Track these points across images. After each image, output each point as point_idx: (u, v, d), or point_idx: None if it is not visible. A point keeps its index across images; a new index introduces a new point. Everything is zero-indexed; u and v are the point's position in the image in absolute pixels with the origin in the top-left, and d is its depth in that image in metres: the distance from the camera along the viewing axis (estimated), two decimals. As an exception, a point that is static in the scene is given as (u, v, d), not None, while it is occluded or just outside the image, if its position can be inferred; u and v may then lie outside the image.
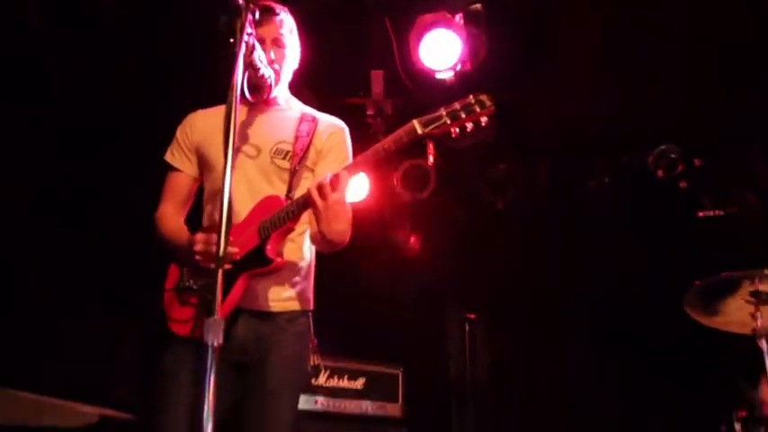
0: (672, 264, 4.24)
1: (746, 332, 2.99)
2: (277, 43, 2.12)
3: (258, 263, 1.93)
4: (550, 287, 4.04)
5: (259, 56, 1.95)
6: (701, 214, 4.54)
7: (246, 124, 2.13)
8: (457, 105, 1.86)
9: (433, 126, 1.86)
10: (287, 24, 2.16)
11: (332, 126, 2.20)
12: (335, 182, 1.85)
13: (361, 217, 4.07)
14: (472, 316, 3.46)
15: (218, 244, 1.54)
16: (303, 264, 2.10)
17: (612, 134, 4.39)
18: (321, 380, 3.43)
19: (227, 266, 1.85)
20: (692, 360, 3.82)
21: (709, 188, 4.58)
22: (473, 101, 1.85)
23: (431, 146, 3.92)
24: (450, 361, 3.47)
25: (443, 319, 3.53)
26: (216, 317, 1.46)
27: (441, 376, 3.55)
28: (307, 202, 1.89)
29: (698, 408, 3.50)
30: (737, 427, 3.10)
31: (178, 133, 2.22)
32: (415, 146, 4.13)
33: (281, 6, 2.17)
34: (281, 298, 2.03)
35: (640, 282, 3.96)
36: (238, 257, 1.90)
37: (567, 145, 4.41)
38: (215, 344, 1.44)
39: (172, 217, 2.16)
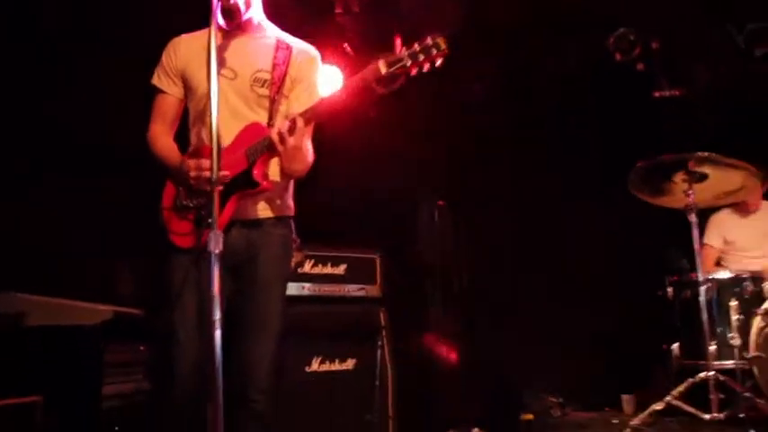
0: (627, 144, 4.53)
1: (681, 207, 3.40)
2: None
3: (247, 185, 2.18)
4: (514, 173, 4.37)
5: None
6: (656, 94, 4.82)
7: (223, 48, 2.29)
8: (416, 47, 2.06)
9: (395, 66, 2.07)
10: None
11: (305, 53, 2.37)
12: (293, 128, 2.08)
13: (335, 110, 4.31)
14: (441, 203, 3.80)
15: (211, 169, 1.83)
16: (285, 179, 2.36)
17: (574, 16, 4.53)
18: (307, 268, 3.78)
19: (219, 188, 2.15)
20: (636, 233, 4.24)
21: (667, 70, 4.83)
22: (430, 43, 2.04)
23: (398, 40, 4.04)
24: (421, 245, 3.85)
25: (415, 207, 3.86)
26: (216, 230, 1.76)
27: (413, 260, 3.95)
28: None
29: (639, 276, 3.96)
30: (669, 290, 3.60)
31: (163, 57, 2.38)
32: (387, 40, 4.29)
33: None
34: (267, 207, 2.31)
35: (595, 163, 4.26)
36: (230, 179, 2.17)
37: (529, 31, 4.55)
38: (217, 251, 1.76)
39: (161, 136, 2.37)
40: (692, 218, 3.34)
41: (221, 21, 2.19)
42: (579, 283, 4.43)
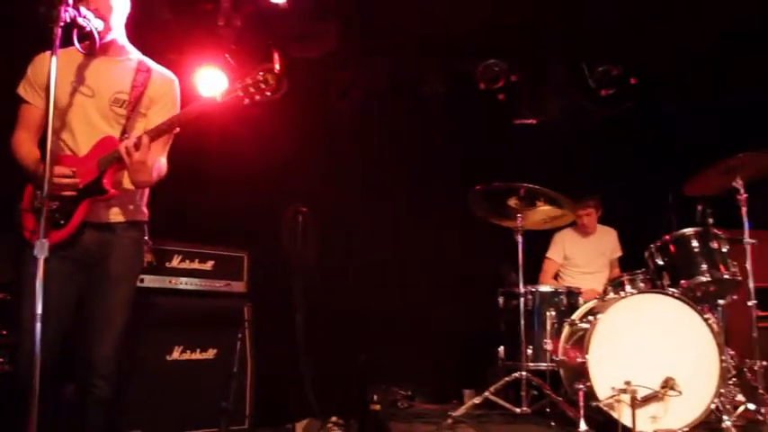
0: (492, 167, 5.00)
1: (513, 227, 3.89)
2: None
3: (97, 191, 2.43)
4: (374, 177, 4.78)
5: (84, 13, 2.32)
6: (516, 122, 5.35)
7: (84, 67, 2.53)
8: (249, 80, 2.38)
9: (229, 97, 2.38)
10: None
11: (163, 77, 2.65)
12: (138, 144, 2.34)
13: (215, 116, 4.54)
14: (304, 209, 4.13)
15: (42, 186, 2.08)
16: (140, 194, 2.61)
17: (446, 42, 4.95)
18: (175, 263, 4.02)
19: (71, 193, 2.40)
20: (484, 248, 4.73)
21: (528, 100, 5.36)
22: (261, 78, 2.36)
23: (275, 54, 4.32)
24: (285, 246, 4.17)
25: (280, 211, 4.16)
26: (42, 240, 2.00)
27: (277, 259, 4.26)
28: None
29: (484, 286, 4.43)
30: (500, 299, 4.09)
31: (29, 71, 2.57)
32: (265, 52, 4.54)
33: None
34: (120, 213, 2.55)
35: (453, 181, 4.68)
36: (81, 186, 2.41)
37: (406, 50, 4.92)
38: (41, 257, 2.00)
39: (25, 143, 2.55)
40: (519, 238, 3.84)
41: (78, 47, 2.39)
42: (431, 290, 4.89)
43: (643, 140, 5.19)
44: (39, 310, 2.01)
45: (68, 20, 2.14)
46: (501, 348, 3.98)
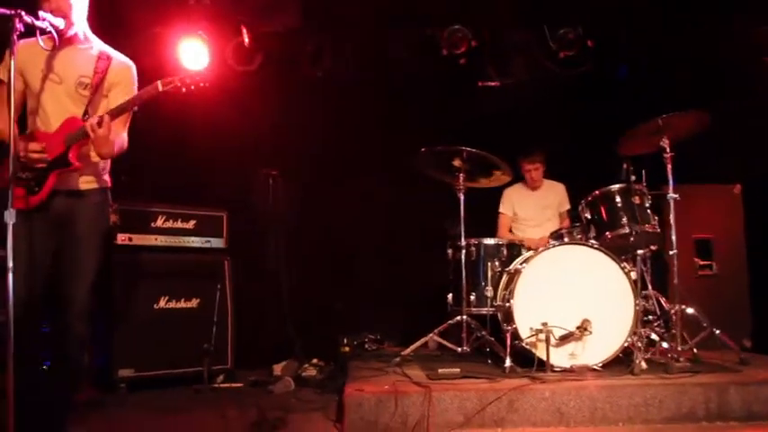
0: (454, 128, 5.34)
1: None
2: None
3: (64, 164, 2.89)
4: (340, 145, 5.18)
5: (43, 16, 2.75)
6: (480, 84, 5.65)
7: (52, 57, 2.97)
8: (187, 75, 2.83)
9: (169, 86, 2.86)
10: None
11: (122, 64, 3.09)
12: (101, 122, 2.79)
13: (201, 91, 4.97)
14: (275, 172, 4.56)
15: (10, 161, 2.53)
16: (99, 159, 3.07)
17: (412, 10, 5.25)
18: (159, 222, 4.53)
19: (41, 165, 2.87)
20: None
21: (493, 63, 5.64)
22: (194, 73, 2.88)
23: (243, 29, 4.71)
24: (259, 206, 4.63)
25: (253, 174, 4.61)
26: (11, 209, 2.46)
27: (252, 217, 4.72)
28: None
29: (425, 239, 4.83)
30: (449, 252, 4.50)
31: (6, 56, 3.01)
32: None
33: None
34: (85, 181, 3.01)
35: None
36: (51, 159, 2.88)
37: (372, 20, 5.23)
38: (11, 222, 2.46)
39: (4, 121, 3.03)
40: (461, 196, 4.23)
41: (41, 43, 2.82)
42: (398, 245, 5.32)
43: (600, 100, 5.43)
44: (10, 263, 2.46)
45: (23, 29, 2.55)
46: (450, 296, 4.40)
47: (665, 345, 3.90)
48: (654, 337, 3.94)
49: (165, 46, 5.05)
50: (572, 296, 3.77)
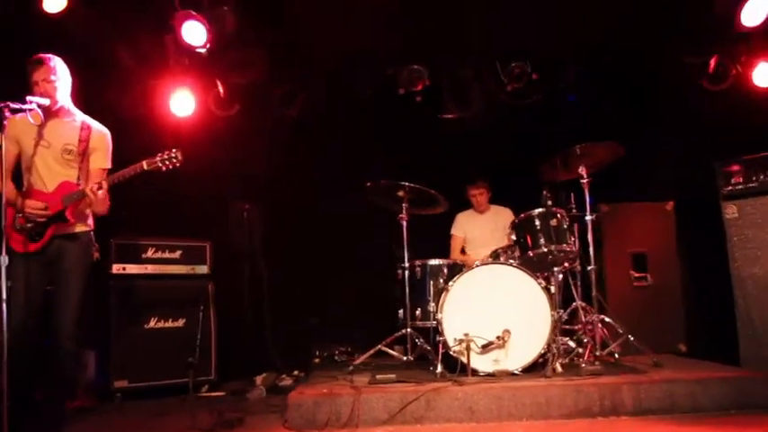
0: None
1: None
2: (47, 80, 3.61)
3: (62, 220, 3.61)
4: (312, 179, 5.82)
5: (31, 99, 3.47)
6: (441, 116, 6.22)
7: (43, 126, 3.69)
8: (165, 156, 3.59)
9: (152, 166, 3.60)
10: (52, 66, 3.64)
11: (99, 133, 3.82)
12: (99, 187, 3.51)
13: (186, 132, 5.66)
14: (247, 206, 5.22)
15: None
16: (88, 211, 3.77)
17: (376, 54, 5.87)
18: (149, 253, 5.23)
19: (42, 220, 3.58)
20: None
21: (451, 97, 6.22)
22: (173, 154, 3.61)
23: (218, 82, 5.41)
24: (234, 236, 5.28)
25: (226, 208, 5.28)
26: (3, 255, 3.14)
27: (229, 247, 5.39)
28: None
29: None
30: (399, 272, 5.07)
31: (6, 127, 3.74)
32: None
33: (48, 56, 3.64)
34: (74, 226, 3.72)
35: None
36: (52, 213, 3.59)
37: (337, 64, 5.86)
38: (4, 266, 3.14)
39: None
40: (403, 223, 4.82)
41: (31, 119, 3.52)
42: (361, 265, 5.92)
43: (548, 128, 5.95)
44: (3, 295, 3.12)
45: (9, 114, 3.26)
46: (400, 311, 4.97)
47: (581, 350, 4.40)
48: (571, 344, 4.44)
49: (158, 96, 5.78)
50: (495, 310, 4.31)
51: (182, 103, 5.78)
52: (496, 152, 6.01)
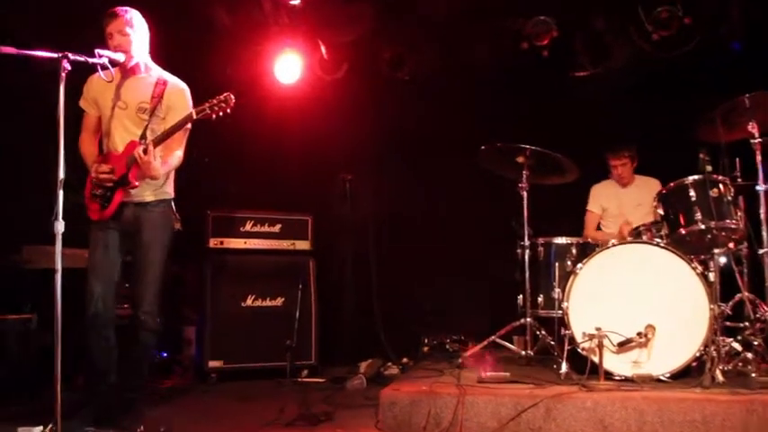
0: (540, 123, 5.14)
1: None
2: (121, 33, 3.30)
3: (125, 183, 3.29)
4: (424, 148, 5.22)
5: (101, 53, 3.15)
6: (572, 74, 5.37)
7: (119, 86, 3.40)
8: (215, 101, 3.13)
9: (201, 114, 3.17)
10: (128, 18, 3.32)
11: (176, 87, 3.43)
12: (146, 150, 3.15)
13: (290, 97, 5.31)
14: (350, 177, 4.74)
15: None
16: (161, 177, 3.43)
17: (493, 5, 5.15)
18: (248, 227, 4.92)
19: (109, 184, 3.29)
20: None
21: (584, 51, 5.34)
22: (223, 98, 3.13)
23: (319, 41, 4.95)
24: (337, 210, 4.83)
25: (331, 180, 4.83)
26: (60, 220, 2.83)
27: (333, 221, 4.94)
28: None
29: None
30: (519, 252, 4.36)
31: (84, 89, 3.50)
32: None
33: (124, 8, 3.32)
34: (148, 194, 3.41)
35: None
36: (117, 177, 3.29)
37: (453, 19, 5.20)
38: (61, 231, 2.83)
39: (85, 143, 3.49)
40: (523, 194, 4.10)
41: (101, 74, 3.21)
42: (483, 243, 5.24)
43: (701, 86, 4.90)
44: (58, 266, 2.84)
45: (69, 68, 2.94)
46: (519, 297, 4.27)
47: (749, 355, 3.47)
48: (736, 346, 3.52)
49: (262, 62, 5.44)
50: (635, 299, 3.51)
51: (287, 67, 5.43)
52: (640, 115, 5.06)
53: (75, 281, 3.29)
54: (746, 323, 3.70)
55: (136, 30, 3.37)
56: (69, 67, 2.91)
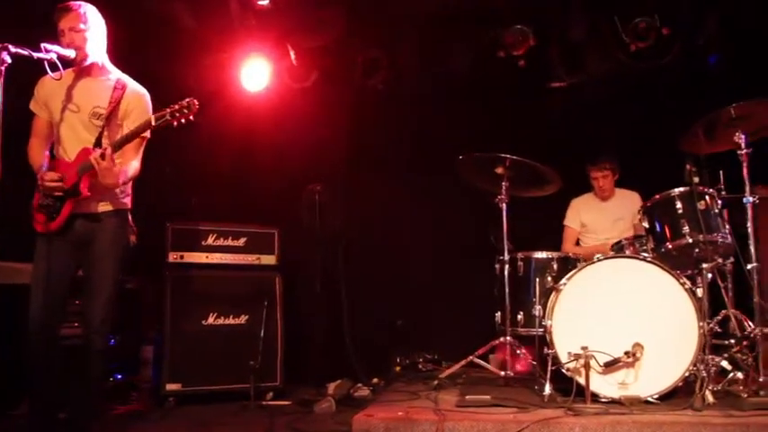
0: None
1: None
2: (74, 29, 3.02)
3: (75, 193, 3.00)
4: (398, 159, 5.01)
5: (49, 48, 2.87)
6: (551, 85, 5.25)
7: (72, 87, 3.11)
8: (176, 107, 2.86)
9: (160, 121, 2.89)
10: (82, 13, 3.04)
11: (135, 93, 3.16)
12: (104, 154, 2.86)
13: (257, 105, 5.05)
14: (319, 188, 4.51)
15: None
16: (119, 186, 3.14)
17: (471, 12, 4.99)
18: (210, 240, 4.62)
19: (58, 194, 2.99)
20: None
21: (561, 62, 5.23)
22: (185, 104, 2.86)
23: (288, 46, 4.72)
24: (305, 223, 4.58)
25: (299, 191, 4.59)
26: None
27: (301, 234, 4.69)
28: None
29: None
30: (497, 267, 4.18)
31: (35, 91, 3.20)
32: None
33: (78, 2, 3.05)
34: (101, 205, 3.11)
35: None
36: (67, 186, 3.00)
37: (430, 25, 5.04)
38: None
39: (34, 149, 3.18)
40: (502, 206, 3.92)
41: (50, 72, 2.92)
42: (448, 257, 5.05)
43: (683, 96, 4.83)
44: None
45: (9, 61, 2.65)
46: (497, 314, 4.08)
47: (739, 374, 3.33)
48: (725, 365, 3.37)
49: (227, 69, 5.18)
50: (622, 317, 3.35)
51: (254, 74, 5.19)
52: (617, 127, 4.95)
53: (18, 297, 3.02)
54: (733, 340, 3.56)
55: (91, 26, 3.09)
56: (9, 60, 2.63)
